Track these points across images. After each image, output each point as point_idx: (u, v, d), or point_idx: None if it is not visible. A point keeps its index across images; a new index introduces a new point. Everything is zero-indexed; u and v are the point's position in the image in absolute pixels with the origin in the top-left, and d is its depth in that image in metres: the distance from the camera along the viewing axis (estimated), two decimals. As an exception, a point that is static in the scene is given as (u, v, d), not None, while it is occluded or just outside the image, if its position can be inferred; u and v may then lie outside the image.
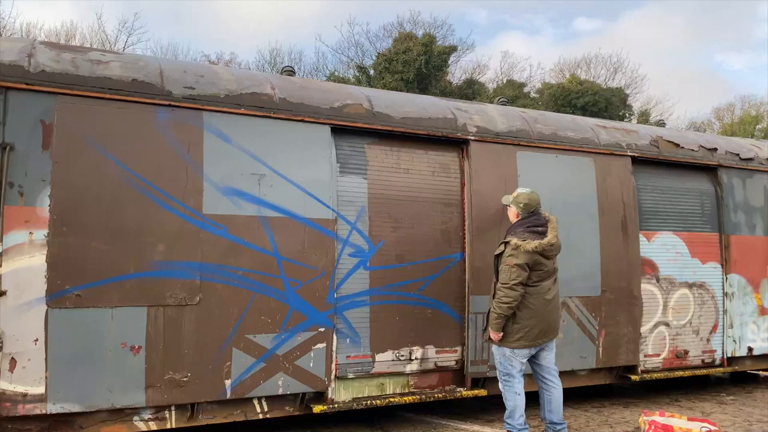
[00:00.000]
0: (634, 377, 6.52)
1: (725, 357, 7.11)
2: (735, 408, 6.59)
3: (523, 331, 4.89)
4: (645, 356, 6.63)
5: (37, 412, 4.29)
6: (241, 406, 5.01)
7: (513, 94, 29.33)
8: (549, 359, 5.11)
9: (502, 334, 4.91)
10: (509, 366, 4.96)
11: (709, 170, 7.26)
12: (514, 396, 4.91)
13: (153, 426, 4.73)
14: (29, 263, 4.31)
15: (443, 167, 5.82)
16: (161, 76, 4.87)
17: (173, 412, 4.78)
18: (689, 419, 4.76)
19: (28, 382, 4.27)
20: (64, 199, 4.42)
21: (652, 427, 4.69)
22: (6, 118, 4.32)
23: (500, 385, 5.04)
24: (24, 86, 4.38)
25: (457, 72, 32.91)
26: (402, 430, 5.57)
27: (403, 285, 5.53)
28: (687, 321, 6.91)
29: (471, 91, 32.36)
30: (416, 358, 5.58)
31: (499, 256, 4.97)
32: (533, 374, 5.14)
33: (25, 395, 4.26)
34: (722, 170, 7.25)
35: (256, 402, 5.04)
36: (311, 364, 5.11)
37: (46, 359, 4.32)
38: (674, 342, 6.83)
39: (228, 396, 4.84)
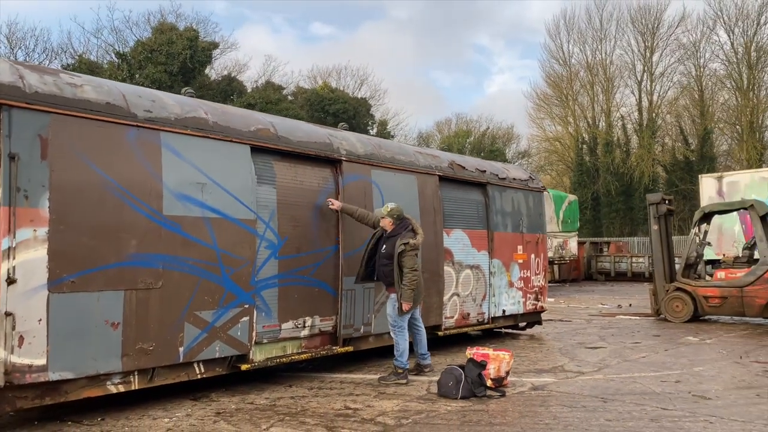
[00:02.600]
0: (440, 333, 9.13)
1: (490, 317, 10.16)
2: (498, 351, 9.60)
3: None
4: (445, 318, 9.29)
5: (41, 380, 5.12)
6: (185, 369, 6.26)
7: (276, 96, 31.23)
8: (417, 314, 7.60)
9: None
10: (402, 321, 7.26)
11: (481, 186, 10.23)
12: (404, 340, 7.22)
13: (121, 388, 5.77)
14: (34, 256, 5.11)
15: (325, 180, 7.66)
16: (125, 100, 5.89)
17: (136, 377, 5.87)
18: (494, 350, 7.35)
19: (33, 356, 5.08)
20: (60, 202, 5.28)
21: (475, 356, 7.15)
22: (11, 132, 5.04)
23: (393, 334, 7.30)
24: (25, 105, 5.14)
25: (218, 68, 33.63)
26: (293, 382, 7.28)
27: (300, 270, 7.26)
28: (469, 292, 9.76)
29: (230, 88, 33.48)
30: (308, 326, 7.35)
31: (401, 253, 7.12)
32: (409, 326, 7.40)
33: (30, 366, 5.07)
34: (489, 186, 10.28)
35: (195, 365, 6.33)
36: (239, 333, 6.57)
37: (47, 335, 5.16)
38: (462, 307, 9.62)
39: (181, 360, 6.09)
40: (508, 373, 7.01)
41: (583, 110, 50.84)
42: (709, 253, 18.81)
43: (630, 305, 17.45)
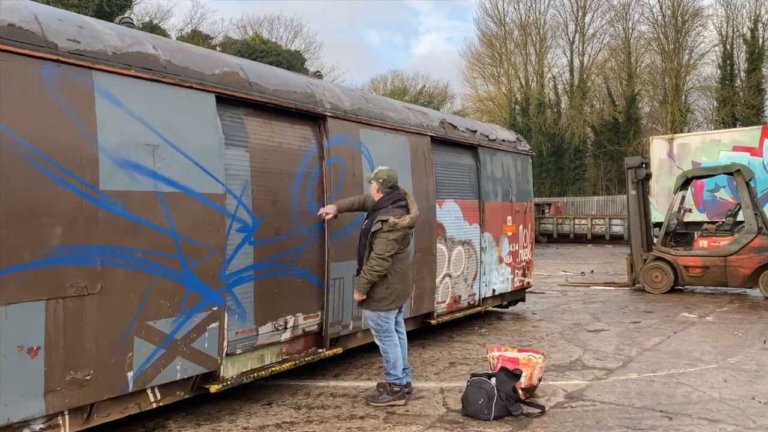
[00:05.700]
0: (432, 321, 7.78)
1: (481, 298, 8.90)
2: (492, 336, 8.37)
3: (394, 294, 5.57)
4: (437, 303, 7.93)
5: None
6: (136, 398, 4.60)
7: (205, 47, 28.52)
8: (400, 316, 5.93)
9: (365, 296, 5.50)
10: (386, 324, 5.61)
11: (472, 148, 8.84)
12: (395, 348, 5.60)
13: (46, 437, 4.08)
14: None
15: (306, 141, 6.01)
16: (39, 24, 4.03)
17: (67, 418, 4.17)
18: (519, 350, 6.08)
19: None
20: (-61, 174, 3.45)
21: (501, 361, 5.87)
22: None
23: (379, 342, 5.64)
24: None
25: (139, 14, 30.40)
26: (270, 397, 5.76)
27: (280, 257, 5.65)
28: (461, 272, 8.44)
29: (150, 36, 30.31)
30: (289, 327, 5.79)
31: (375, 232, 5.44)
32: None
33: None
34: (480, 149, 8.90)
35: (149, 391, 4.68)
36: (206, 345, 4.94)
37: (-73, 378, 3.40)
38: (454, 290, 8.29)
39: (130, 389, 4.43)
40: (540, 379, 5.76)
41: (516, 70, 50.35)
42: (657, 216, 18.41)
43: (592, 272, 16.77)
